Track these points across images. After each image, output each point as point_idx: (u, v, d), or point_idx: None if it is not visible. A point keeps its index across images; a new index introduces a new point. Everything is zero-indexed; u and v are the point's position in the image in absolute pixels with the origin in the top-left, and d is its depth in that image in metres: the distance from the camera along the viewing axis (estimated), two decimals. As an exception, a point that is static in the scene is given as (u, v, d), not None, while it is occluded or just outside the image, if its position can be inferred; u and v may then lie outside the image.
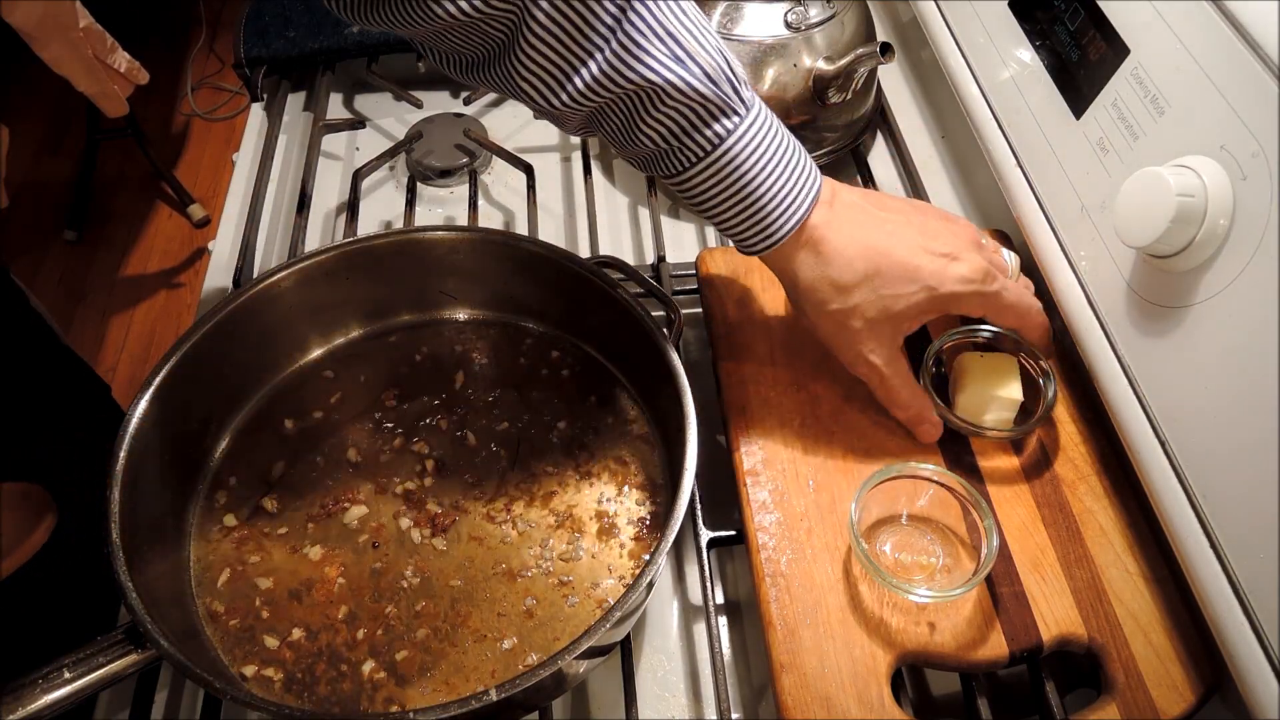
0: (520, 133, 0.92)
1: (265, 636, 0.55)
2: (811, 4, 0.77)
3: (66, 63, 0.69)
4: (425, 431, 0.64)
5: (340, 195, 0.87)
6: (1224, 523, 0.48)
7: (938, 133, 0.92)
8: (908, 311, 0.57)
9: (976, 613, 0.54)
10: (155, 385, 0.57)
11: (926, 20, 0.84)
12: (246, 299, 0.62)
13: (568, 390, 0.66)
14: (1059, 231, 0.64)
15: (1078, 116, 0.62)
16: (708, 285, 0.70)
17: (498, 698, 0.45)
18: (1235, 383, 0.48)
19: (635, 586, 0.49)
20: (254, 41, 0.91)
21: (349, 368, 0.68)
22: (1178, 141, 0.53)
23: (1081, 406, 0.64)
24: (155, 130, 2.42)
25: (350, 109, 0.95)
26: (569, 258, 0.64)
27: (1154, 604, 0.55)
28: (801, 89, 0.78)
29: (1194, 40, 0.53)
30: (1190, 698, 0.52)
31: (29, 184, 2.30)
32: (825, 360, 0.66)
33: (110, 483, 0.53)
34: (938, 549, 0.57)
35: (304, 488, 0.61)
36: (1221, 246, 0.49)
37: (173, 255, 2.19)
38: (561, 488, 0.61)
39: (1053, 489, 0.60)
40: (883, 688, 0.52)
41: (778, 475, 0.60)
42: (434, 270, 0.68)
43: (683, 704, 0.58)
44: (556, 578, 0.57)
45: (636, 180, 0.87)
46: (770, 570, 0.56)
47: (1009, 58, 0.71)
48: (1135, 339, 0.55)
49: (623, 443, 0.63)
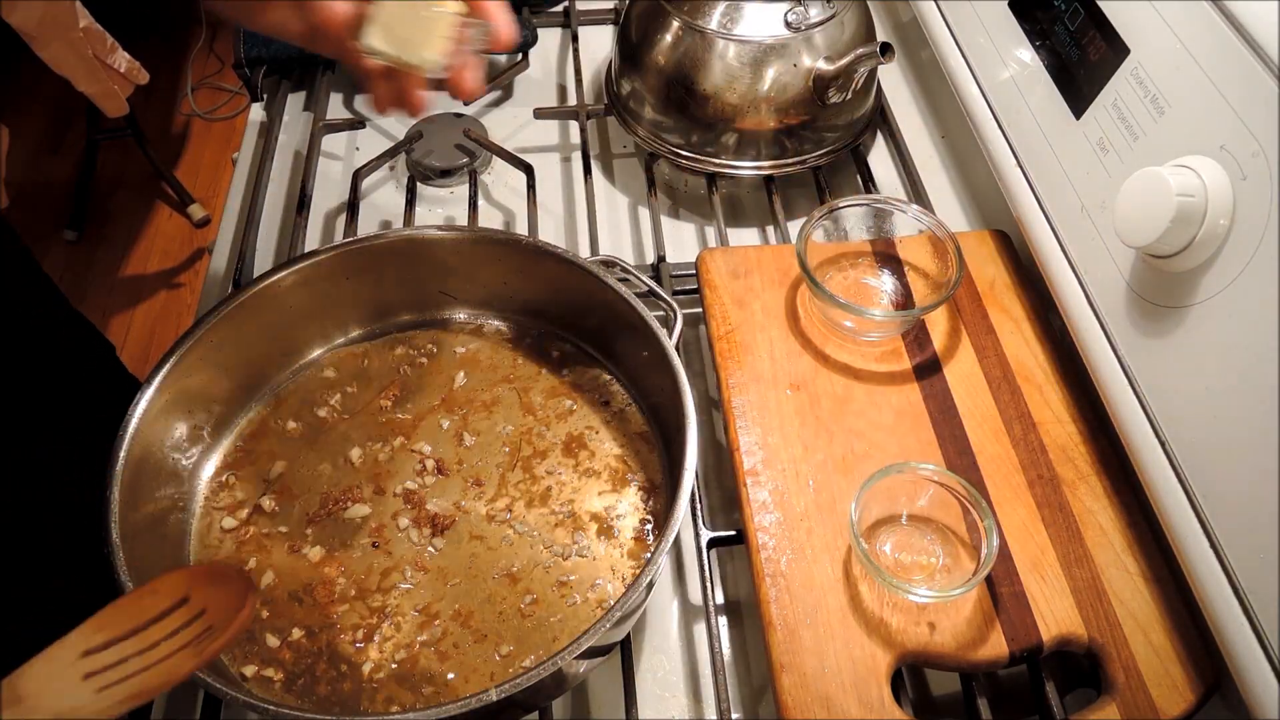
0: (520, 133, 0.92)
1: (266, 636, 0.55)
2: (811, 4, 0.77)
3: (66, 63, 0.69)
4: (425, 431, 0.64)
5: (340, 195, 0.87)
6: (1224, 523, 0.48)
7: (938, 133, 0.92)
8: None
9: (976, 613, 0.54)
10: (155, 385, 0.57)
11: (926, 20, 0.84)
12: (246, 299, 0.62)
13: (567, 390, 0.66)
14: (1059, 231, 0.64)
15: (1078, 116, 0.62)
16: (708, 285, 0.70)
17: (498, 698, 0.45)
18: (1235, 383, 0.48)
19: (635, 586, 0.49)
20: (254, 41, 0.91)
21: (349, 368, 0.68)
22: (1178, 141, 0.53)
23: (1081, 406, 0.64)
24: (155, 130, 2.42)
25: (350, 109, 0.95)
26: (569, 257, 0.64)
27: (1154, 604, 0.55)
28: (801, 89, 0.78)
29: (1194, 40, 0.53)
30: (1190, 698, 0.52)
31: (29, 184, 2.29)
32: (825, 360, 0.66)
33: (110, 483, 0.53)
34: (938, 549, 0.57)
35: (304, 488, 0.62)
36: (1221, 246, 0.49)
37: (173, 255, 2.19)
38: (561, 488, 0.61)
39: (1053, 489, 0.60)
40: (883, 688, 0.52)
41: (778, 475, 0.60)
42: (434, 270, 0.68)
43: (683, 704, 0.58)
44: (556, 578, 0.57)
45: (636, 180, 0.87)
46: (770, 570, 0.56)
47: (1009, 58, 0.71)
48: (1135, 339, 0.55)
49: (623, 443, 0.63)
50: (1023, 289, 0.71)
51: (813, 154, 0.82)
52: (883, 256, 0.72)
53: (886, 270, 0.72)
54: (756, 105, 0.78)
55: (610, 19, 1.03)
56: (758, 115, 0.78)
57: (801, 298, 0.70)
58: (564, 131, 0.93)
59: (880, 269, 0.72)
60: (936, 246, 0.69)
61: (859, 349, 0.67)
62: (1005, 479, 0.60)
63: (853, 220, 0.72)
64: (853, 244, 0.72)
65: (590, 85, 0.94)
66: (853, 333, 0.67)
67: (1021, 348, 0.67)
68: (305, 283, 0.64)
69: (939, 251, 0.69)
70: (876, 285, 0.71)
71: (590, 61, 0.97)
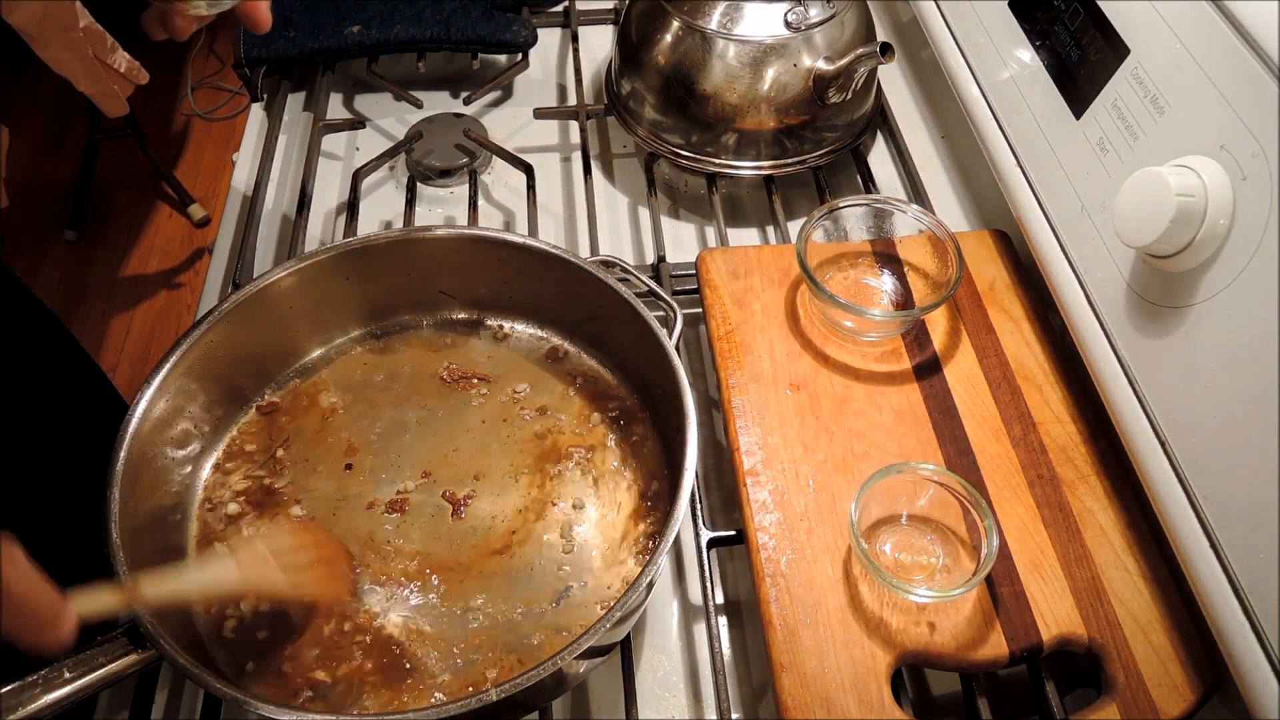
0: (520, 133, 0.92)
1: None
2: (811, 4, 0.77)
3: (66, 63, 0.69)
4: (425, 432, 0.64)
5: (340, 195, 0.87)
6: (1224, 523, 0.48)
7: (938, 133, 0.92)
8: None
9: (976, 613, 0.54)
10: (155, 385, 0.57)
11: (926, 20, 0.84)
12: (246, 299, 0.62)
13: (567, 390, 0.66)
14: (1059, 231, 0.64)
15: (1078, 116, 0.62)
16: (708, 285, 0.70)
17: (498, 698, 0.45)
18: (1235, 383, 0.48)
19: (635, 586, 0.49)
20: (254, 41, 0.91)
21: (348, 368, 0.68)
22: (1178, 141, 0.53)
23: (1081, 406, 0.64)
24: (155, 130, 2.42)
25: (350, 109, 0.95)
26: (569, 257, 0.64)
27: (1154, 604, 0.55)
28: (801, 89, 0.78)
29: (1194, 40, 0.53)
30: (1190, 698, 0.52)
31: (29, 184, 2.29)
32: (825, 360, 0.66)
33: (110, 483, 0.53)
34: (938, 549, 0.57)
35: (303, 487, 0.61)
36: (1221, 246, 0.49)
37: (173, 255, 2.19)
38: (562, 487, 0.61)
39: (1053, 489, 0.60)
40: (883, 688, 0.52)
41: (778, 475, 0.60)
42: (434, 270, 0.68)
43: (683, 704, 0.58)
44: (556, 576, 0.57)
45: (636, 180, 0.87)
46: (770, 570, 0.56)
47: (1009, 58, 0.71)
48: (1135, 339, 0.55)
49: (623, 443, 0.63)
50: (1023, 289, 0.71)
51: (813, 154, 0.82)
52: (883, 256, 0.72)
53: (886, 270, 0.72)
54: (756, 105, 0.78)
55: (610, 19, 1.03)
56: (758, 115, 0.78)
57: (801, 298, 0.70)
58: (564, 131, 0.93)
59: (880, 269, 0.72)
60: (936, 246, 0.69)
61: (859, 349, 0.67)
62: (1005, 479, 0.60)
63: (853, 220, 0.72)
64: (853, 244, 0.72)
65: (590, 85, 0.94)
66: (853, 333, 0.67)
67: (1021, 348, 0.67)
68: (305, 283, 0.64)
69: (939, 251, 0.69)
70: (876, 285, 0.71)
71: (590, 61, 0.97)
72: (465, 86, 0.94)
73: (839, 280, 0.71)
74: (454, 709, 0.45)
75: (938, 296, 0.67)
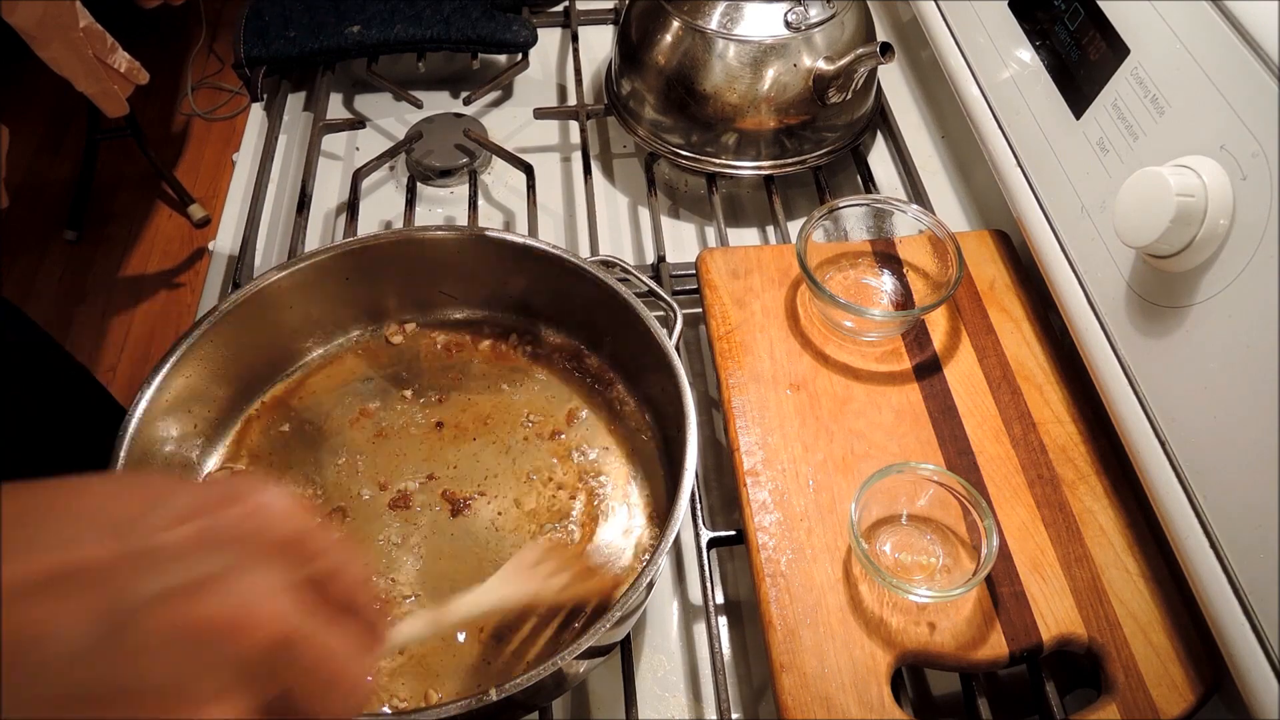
0: (520, 133, 0.92)
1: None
2: (811, 4, 0.77)
3: (66, 63, 0.69)
4: (426, 432, 0.64)
5: (340, 195, 0.87)
6: (1224, 523, 0.48)
7: (938, 133, 0.92)
8: None
9: (976, 613, 0.54)
10: (155, 385, 0.57)
11: (926, 20, 0.84)
12: (246, 299, 0.62)
13: (567, 390, 0.66)
14: (1059, 231, 0.64)
15: (1078, 116, 0.62)
16: (708, 285, 0.70)
17: (498, 698, 0.45)
18: (1235, 383, 0.48)
19: (635, 586, 0.49)
20: (254, 41, 0.91)
21: (349, 368, 0.68)
22: (1178, 141, 0.53)
23: (1081, 406, 0.64)
24: (155, 130, 2.42)
25: (350, 109, 0.95)
26: (569, 258, 0.64)
27: (1154, 604, 0.55)
28: (801, 89, 0.78)
29: (1194, 40, 0.53)
30: (1190, 698, 0.52)
31: (29, 184, 2.29)
32: (825, 360, 0.66)
33: (110, 483, 0.53)
34: (938, 549, 0.57)
35: (303, 488, 0.61)
36: (1221, 246, 0.49)
37: (173, 255, 2.19)
38: (562, 487, 0.61)
39: (1053, 489, 0.60)
40: (883, 688, 0.52)
41: (778, 475, 0.60)
42: (434, 270, 0.68)
43: (683, 704, 0.58)
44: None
45: (636, 180, 0.87)
46: (770, 570, 0.56)
47: (1009, 58, 0.71)
48: (1135, 339, 0.55)
49: (623, 442, 0.63)
50: (1023, 289, 0.71)
51: (813, 154, 0.82)
52: (883, 256, 0.72)
53: (886, 270, 0.72)
54: (756, 105, 0.78)
55: (610, 19, 1.03)
56: (758, 115, 0.78)
57: (801, 298, 0.70)
58: (564, 131, 0.93)
59: (880, 269, 0.72)
60: (936, 246, 0.69)
61: (859, 349, 0.67)
62: (1005, 479, 0.60)
63: (853, 220, 0.72)
64: (853, 244, 0.72)
65: (590, 85, 0.94)
66: (853, 333, 0.67)
67: (1021, 348, 0.67)
68: (305, 283, 0.64)
69: (939, 251, 0.69)
70: (876, 285, 0.71)
71: (590, 61, 0.97)
72: (465, 86, 0.94)
73: (839, 280, 0.71)
74: (454, 709, 0.45)
75: (938, 296, 0.67)
